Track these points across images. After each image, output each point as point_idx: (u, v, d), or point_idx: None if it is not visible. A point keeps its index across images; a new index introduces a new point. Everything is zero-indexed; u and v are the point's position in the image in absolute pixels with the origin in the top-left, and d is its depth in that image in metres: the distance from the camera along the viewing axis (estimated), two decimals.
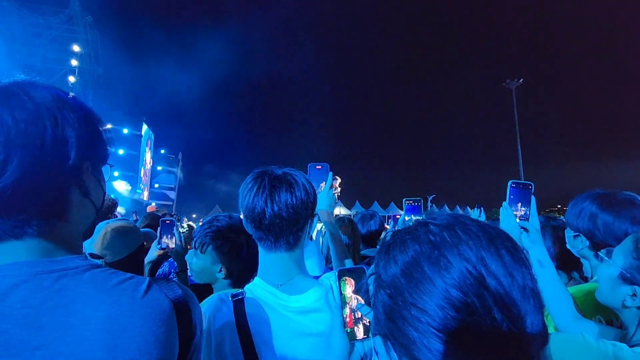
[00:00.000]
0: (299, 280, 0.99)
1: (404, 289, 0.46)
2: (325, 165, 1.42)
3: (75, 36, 18.99)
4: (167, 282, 0.63)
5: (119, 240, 1.60)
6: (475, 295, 0.41)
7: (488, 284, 0.42)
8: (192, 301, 0.64)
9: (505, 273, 0.43)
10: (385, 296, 0.48)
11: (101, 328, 0.52)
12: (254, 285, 0.99)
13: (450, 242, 0.46)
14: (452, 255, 0.44)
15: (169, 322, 0.58)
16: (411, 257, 0.47)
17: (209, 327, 0.92)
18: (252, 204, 0.94)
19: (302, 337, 0.92)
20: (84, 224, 0.68)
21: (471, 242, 0.45)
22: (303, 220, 0.98)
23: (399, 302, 0.46)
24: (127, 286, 0.57)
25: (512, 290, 0.42)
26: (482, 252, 0.44)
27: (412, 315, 0.44)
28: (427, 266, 0.45)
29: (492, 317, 0.41)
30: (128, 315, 0.55)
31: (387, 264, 0.50)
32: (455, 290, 0.42)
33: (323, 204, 1.38)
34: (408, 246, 0.48)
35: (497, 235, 0.47)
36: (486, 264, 0.43)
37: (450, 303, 0.42)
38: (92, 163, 0.66)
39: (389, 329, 0.48)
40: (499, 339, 0.41)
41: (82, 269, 0.58)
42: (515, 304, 0.42)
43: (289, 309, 0.94)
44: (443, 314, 0.42)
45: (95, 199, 0.68)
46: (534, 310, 0.43)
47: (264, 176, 0.97)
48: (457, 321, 0.41)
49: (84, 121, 0.63)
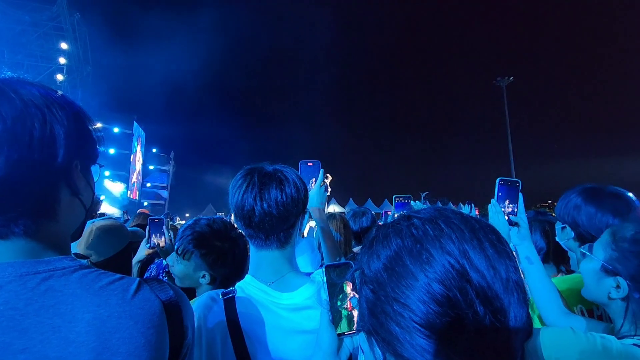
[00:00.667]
0: (291, 277, 0.98)
1: (386, 284, 0.45)
2: (317, 163, 1.41)
3: (62, 33, 18.56)
4: (159, 283, 0.62)
5: (105, 240, 1.56)
6: (458, 289, 0.41)
7: (470, 278, 0.41)
8: (183, 302, 0.63)
9: (488, 266, 0.42)
10: (369, 291, 0.48)
11: (89, 330, 0.51)
12: (245, 283, 0.98)
13: (432, 235, 0.45)
14: (434, 249, 0.44)
15: (159, 324, 0.57)
16: (393, 252, 0.46)
17: (200, 327, 0.91)
18: (241, 201, 0.93)
19: (295, 335, 0.91)
20: (73, 224, 0.67)
21: (454, 235, 0.44)
22: (294, 217, 0.97)
23: (382, 297, 0.45)
24: (117, 287, 0.56)
25: (494, 283, 0.42)
26: (465, 245, 0.43)
27: (394, 310, 0.43)
28: (409, 260, 0.44)
29: (475, 311, 0.40)
30: (117, 316, 0.53)
31: (370, 258, 0.49)
32: (438, 284, 0.41)
33: (314, 201, 1.37)
34: (391, 240, 0.48)
35: (480, 228, 0.46)
36: (469, 257, 0.43)
37: (432, 297, 0.41)
38: (81, 162, 0.65)
39: (372, 325, 0.47)
40: (481, 332, 0.40)
41: (70, 269, 0.57)
42: (498, 297, 0.41)
43: (280, 306, 0.93)
44: (425, 308, 0.41)
45: (85, 199, 0.67)
46: (518, 303, 0.42)
47: (254, 173, 0.95)
48: (439, 316, 0.41)
49: (73, 119, 0.62)
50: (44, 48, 18.42)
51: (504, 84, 25.02)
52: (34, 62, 18.25)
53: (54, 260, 0.57)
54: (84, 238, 1.50)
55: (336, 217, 2.44)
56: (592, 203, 1.27)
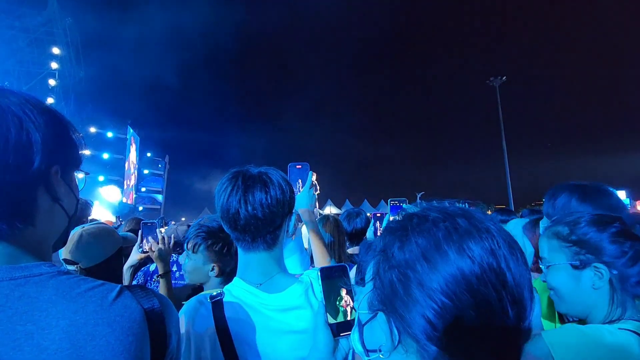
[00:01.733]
0: (279, 278, 0.99)
1: (419, 271, 0.47)
2: (305, 165, 1.41)
3: (54, 38, 18.45)
4: (143, 290, 0.61)
5: (94, 245, 1.53)
6: (492, 286, 0.44)
7: (506, 278, 0.45)
8: (167, 310, 0.62)
9: (521, 270, 0.46)
10: (399, 274, 0.49)
11: (63, 337, 0.50)
12: (233, 286, 0.98)
13: (472, 230, 0.48)
14: (473, 244, 0.46)
15: (139, 331, 0.55)
16: (432, 242, 0.48)
17: (189, 331, 0.90)
18: (226, 204, 0.94)
19: (284, 335, 0.92)
20: (55, 231, 0.66)
21: (489, 237, 0.47)
22: (280, 219, 0.97)
23: (413, 280, 0.47)
24: (96, 293, 0.55)
25: (523, 286, 0.46)
26: (503, 250, 0.46)
27: (422, 294, 0.45)
28: (450, 251, 0.46)
29: (504, 309, 0.43)
30: (93, 323, 0.52)
31: (403, 244, 0.50)
32: (475, 278, 0.44)
33: (303, 203, 1.38)
34: (427, 229, 0.49)
35: (507, 236, 0.49)
36: (507, 259, 0.46)
37: (468, 289, 0.44)
38: (62, 168, 0.64)
39: (394, 308, 0.49)
40: (508, 329, 0.44)
41: (48, 275, 0.56)
42: (525, 299, 0.45)
43: (269, 307, 0.93)
44: (458, 298, 0.44)
45: (67, 206, 0.66)
46: (533, 309, 0.47)
47: (238, 176, 0.96)
48: (470, 308, 0.43)
49: (52, 125, 0.62)
50: (35, 53, 18.28)
51: (497, 83, 25.23)
52: (26, 67, 18.12)
53: (31, 266, 0.56)
54: (74, 243, 1.47)
55: (329, 219, 2.43)
56: (567, 193, 1.29)
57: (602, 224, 0.95)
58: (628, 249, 0.91)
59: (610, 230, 0.94)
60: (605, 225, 0.95)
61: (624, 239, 0.92)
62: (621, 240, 0.92)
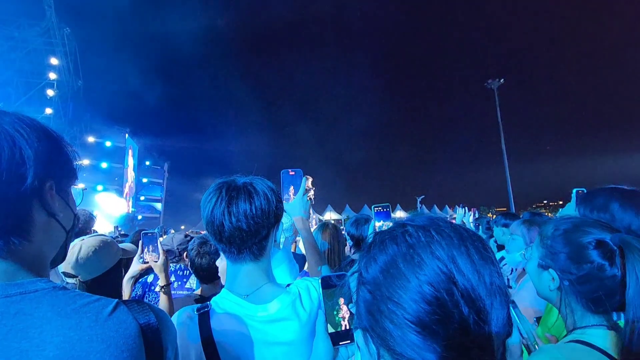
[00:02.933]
0: (266, 289, 0.97)
1: (382, 285, 0.49)
2: (299, 171, 1.38)
3: (52, 48, 18.56)
4: (139, 304, 0.61)
5: (94, 257, 1.50)
6: (445, 290, 0.45)
7: (457, 280, 0.46)
8: (164, 324, 0.62)
9: (474, 270, 0.47)
10: (366, 292, 0.52)
11: (57, 354, 0.50)
12: (221, 297, 0.98)
13: (424, 241, 0.49)
14: (425, 254, 0.48)
15: (134, 347, 0.55)
16: (390, 256, 0.51)
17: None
18: (211, 216, 0.93)
19: (270, 347, 0.91)
20: (52, 247, 0.66)
21: (443, 242, 0.49)
22: (266, 229, 0.95)
23: (378, 296, 0.49)
24: (91, 309, 0.55)
25: (478, 286, 0.46)
26: (453, 251, 0.48)
27: (389, 308, 0.47)
28: (403, 264, 0.48)
29: (460, 311, 0.44)
30: (88, 339, 0.52)
31: (368, 262, 0.53)
32: (428, 285, 0.46)
33: (296, 211, 1.35)
34: (387, 246, 0.52)
35: (468, 237, 0.50)
36: (456, 262, 0.47)
37: (422, 297, 0.45)
38: (56, 182, 0.65)
39: (369, 323, 0.51)
40: (466, 330, 0.44)
41: (43, 292, 0.56)
42: (481, 299, 0.45)
43: (255, 319, 0.92)
44: (416, 307, 0.45)
45: (64, 220, 0.67)
46: (500, 306, 0.46)
47: (223, 187, 0.95)
48: (428, 314, 0.45)
49: (45, 141, 0.63)
50: (33, 64, 18.39)
51: (495, 86, 25.37)
52: (24, 78, 18.23)
53: (27, 282, 0.57)
54: (73, 256, 1.45)
55: (329, 226, 2.37)
56: (634, 207, 1.23)
57: (576, 235, 0.94)
58: (581, 269, 0.91)
59: (577, 244, 0.93)
60: (577, 237, 0.94)
61: (588, 257, 0.90)
62: (581, 257, 0.91)
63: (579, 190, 1.34)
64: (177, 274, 2.70)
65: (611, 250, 0.89)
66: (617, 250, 0.88)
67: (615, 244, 0.88)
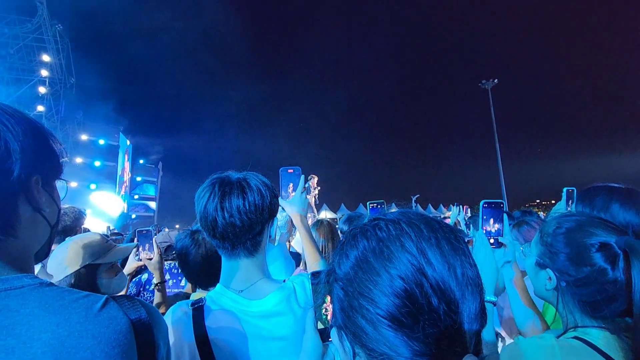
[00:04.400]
0: (261, 284, 0.97)
1: (353, 281, 0.49)
2: (297, 169, 1.38)
3: (44, 45, 18.26)
4: (130, 301, 0.60)
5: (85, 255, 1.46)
6: (415, 283, 0.45)
7: (426, 272, 0.45)
8: (155, 320, 0.62)
9: (444, 262, 0.46)
10: (339, 289, 0.52)
11: (45, 351, 0.49)
12: (216, 293, 0.97)
13: (394, 234, 0.49)
14: (395, 247, 0.47)
15: (125, 343, 0.55)
16: (360, 251, 0.50)
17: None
18: (204, 212, 0.92)
19: (265, 342, 0.91)
20: (37, 242, 0.65)
21: (413, 234, 0.48)
22: (259, 225, 0.95)
23: (350, 293, 0.49)
24: (80, 305, 0.54)
25: (448, 277, 0.45)
26: (423, 243, 0.47)
27: (360, 304, 0.47)
28: (373, 258, 0.48)
29: (429, 302, 0.44)
30: (77, 335, 0.51)
31: (340, 259, 0.53)
32: (398, 279, 0.45)
33: (294, 207, 1.35)
34: (358, 241, 0.52)
35: (439, 228, 0.50)
36: (426, 253, 0.46)
37: (393, 291, 0.45)
38: (42, 177, 0.64)
39: (342, 320, 0.50)
40: (436, 321, 0.44)
41: (30, 288, 0.55)
42: (452, 290, 0.45)
43: (249, 314, 0.92)
44: (387, 301, 0.45)
45: (49, 215, 0.66)
46: (472, 296, 0.46)
47: (216, 182, 0.94)
48: (399, 307, 0.44)
49: (32, 135, 0.62)
50: (24, 60, 18.10)
51: (489, 86, 25.52)
52: (15, 75, 17.93)
53: (12, 278, 0.55)
54: (63, 254, 1.42)
55: (323, 223, 2.38)
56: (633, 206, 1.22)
57: (580, 235, 0.90)
58: (580, 271, 0.88)
59: (579, 245, 0.89)
60: (580, 238, 0.89)
61: (589, 259, 0.86)
62: (582, 259, 0.88)
63: (569, 189, 1.35)
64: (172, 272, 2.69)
65: (615, 253, 0.84)
66: (621, 254, 0.83)
67: (620, 248, 0.83)
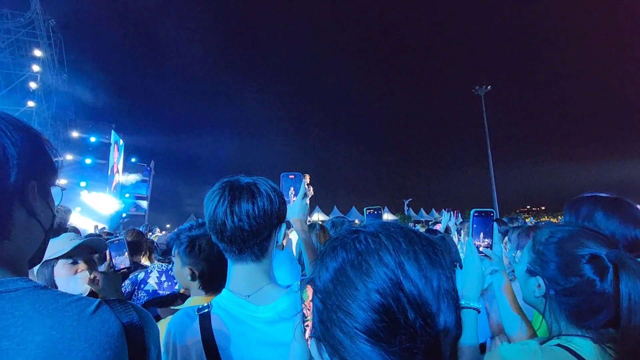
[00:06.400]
0: (269, 290, 0.97)
1: (332, 294, 0.49)
2: (298, 175, 1.41)
3: (37, 40, 17.97)
4: (122, 304, 0.61)
5: None
6: (392, 297, 0.45)
7: (404, 286, 0.45)
8: (147, 323, 0.63)
9: (421, 275, 0.46)
10: (318, 301, 0.52)
11: (38, 353, 0.50)
12: (222, 298, 0.97)
13: (373, 248, 0.49)
14: (373, 261, 0.48)
15: (117, 346, 0.55)
16: (339, 264, 0.50)
17: (175, 344, 0.89)
18: (213, 215, 0.93)
19: (272, 348, 0.90)
20: (31, 247, 0.66)
21: (391, 247, 0.48)
22: (267, 230, 0.95)
23: (328, 305, 0.49)
24: (73, 308, 0.55)
25: (425, 290, 0.46)
26: (401, 257, 0.47)
27: (338, 317, 0.47)
28: (352, 272, 0.48)
29: (406, 316, 0.44)
30: (70, 338, 0.52)
31: (320, 270, 0.53)
32: (375, 293, 0.45)
33: (295, 212, 1.37)
34: (337, 253, 0.52)
35: (418, 241, 0.50)
36: (404, 267, 0.46)
37: (370, 306, 0.45)
38: (38, 183, 0.65)
39: (321, 332, 0.50)
40: (412, 335, 0.44)
41: (24, 291, 0.55)
42: (428, 303, 0.45)
43: (257, 319, 0.92)
44: (365, 315, 0.45)
45: (44, 221, 0.67)
46: (448, 309, 0.46)
47: (227, 186, 0.95)
48: (376, 322, 0.44)
49: (28, 141, 0.63)
50: (16, 55, 17.78)
51: (482, 92, 25.85)
52: (6, 69, 17.58)
53: (6, 281, 0.56)
54: None
55: (316, 226, 2.40)
56: (617, 215, 1.23)
57: (571, 245, 0.91)
58: (568, 281, 0.89)
59: (570, 255, 0.90)
60: (571, 248, 0.90)
61: (578, 270, 0.87)
62: (571, 270, 0.89)
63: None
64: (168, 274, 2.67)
65: (604, 266, 0.85)
66: (610, 267, 0.84)
67: (611, 261, 0.85)
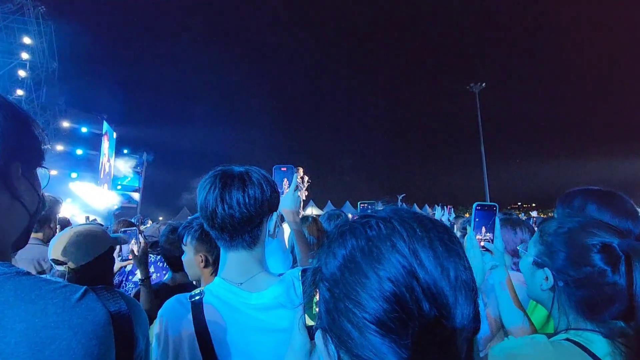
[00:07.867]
0: (261, 277, 0.98)
1: (340, 282, 0.46)
2: (290, 167, 1.43)
3: (26, 27, 17.53)
4: (109, 292, 0.59)
5: (83, 245, 1.50)
6: (405, 286, 0.41)
7: (418, 275, 0.42)
8: (135, 312, 0.61)
9: (436, 264, 0.43)
10: (325, 290, 0.48)
11: (19, 341, 0.48)
12: (214, 285, 0.98)
13: (385, 234, 0.46)
14: (385, 247, 0.44)
15: (103, 334, 0.54)
16: (348, 250, 0.47)
17: (167, 331, 0.89)
18: (204, 202, 0.94)
19: (265, 334, 0.91)
20: (14, 230, 0.64)
21: (405, 234, 0.45)
22: (258, 218, 0.96)
23: (336, 294, 0.46)
24: (57, 295, 0.53)
25: (441, 280, 0.42)
26: (415, 244, 0.44)
27: (347, 307, 0.44)
28: (362, 258, 0.45)
29: (420, 307, 0.41)
30: (53, 326, 0.50)
31: (327, 257, 0.49)
32: (387, 282, 0.42)
33: (287, 204, 1.38)
34: (346, 239, 0.48)
35: (433, 227, 0.47)
36: (418, 255, 0.43)
37: (382, 295, 0.42)
38: (23, 164, 0.62)
39: (328, 323, 0.47)
40: (426, 328, 0.41)
41: (5, 277, 0.53)
42: (444, 294, 0.42)
43: (250, 306, 0.93)
44: (375, 305, 0.42)
45: (28, 203, 0.64)
46: (465, 301, 0.43)
47: (218, 174, 0.96)
48: (388, 312, 0.41)
49: (12, 121, 0.60)
50: (4, 42, 17.31)
51: (477, 89, 25.98)
52: None
53: None
54: (62, 243, 1.45)
55: (309, 219, 2.42)
56: (609, 207, 1.23)
57: (582, 235, 0.89)
58: (580, 272, 0.87)
59: (581, 245, 0.88)
60: (582, 238, 0.89)
61: (589, 260, 0.86)
62: (582, 259, 0.87)
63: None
64: (157, 265, 2.68)
65: (616, 255, 0.83)
66: (623, 257, 0.82)
67: (623, 250, 0.83)
